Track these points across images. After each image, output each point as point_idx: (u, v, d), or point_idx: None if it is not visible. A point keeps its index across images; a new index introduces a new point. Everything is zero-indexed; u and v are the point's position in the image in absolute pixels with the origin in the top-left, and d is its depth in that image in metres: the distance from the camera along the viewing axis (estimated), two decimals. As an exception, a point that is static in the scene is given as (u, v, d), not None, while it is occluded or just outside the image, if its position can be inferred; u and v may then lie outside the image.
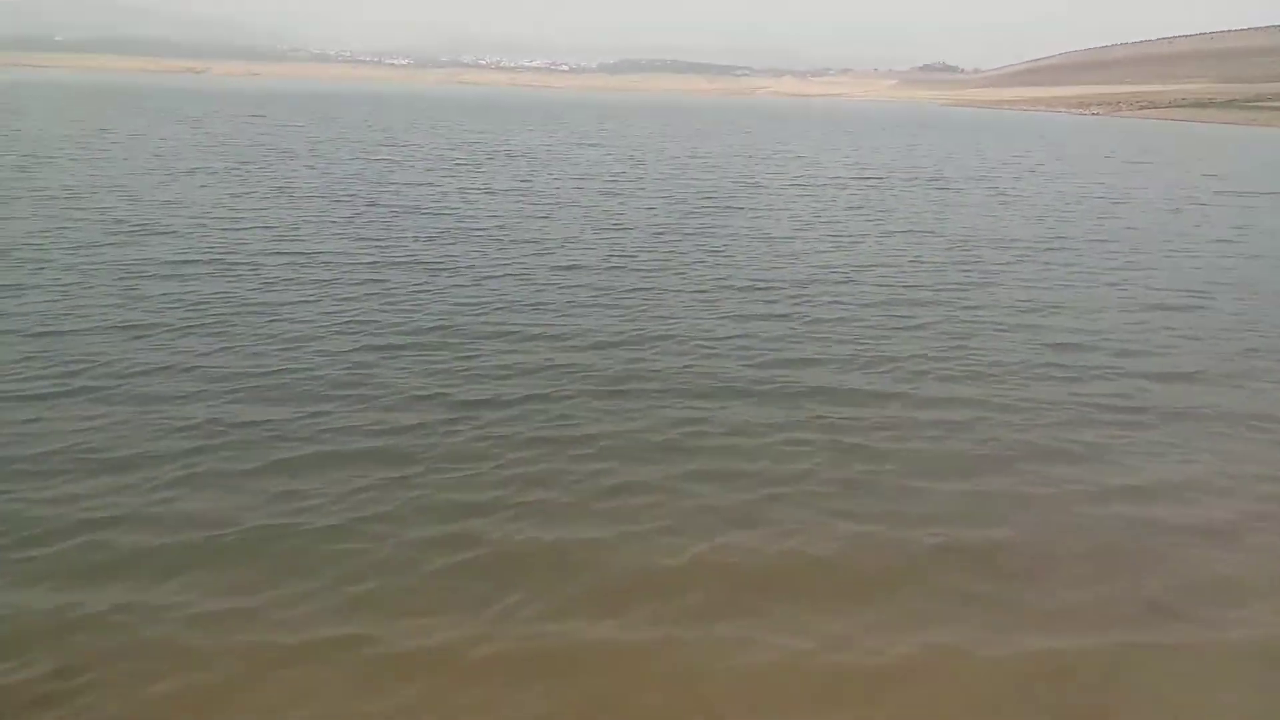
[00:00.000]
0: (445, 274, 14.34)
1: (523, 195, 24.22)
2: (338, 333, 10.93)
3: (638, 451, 7.91)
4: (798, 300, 13.47)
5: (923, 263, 16.81)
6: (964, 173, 37.10)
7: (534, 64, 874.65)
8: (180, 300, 12.05)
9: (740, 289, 14.09)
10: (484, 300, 12.77)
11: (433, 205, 21.53)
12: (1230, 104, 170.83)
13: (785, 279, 14.91)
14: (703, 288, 14.09)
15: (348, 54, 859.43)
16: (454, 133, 50.97)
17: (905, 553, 6.47)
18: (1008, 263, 17.10)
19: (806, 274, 15.37)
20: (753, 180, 30.72)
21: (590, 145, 45.44)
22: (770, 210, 23.11)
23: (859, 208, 24.51)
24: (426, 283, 13.67)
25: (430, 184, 25.77)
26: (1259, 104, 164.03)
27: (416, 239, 17.18)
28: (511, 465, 7.57)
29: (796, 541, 6.59)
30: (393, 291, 13.08)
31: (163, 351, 9.93)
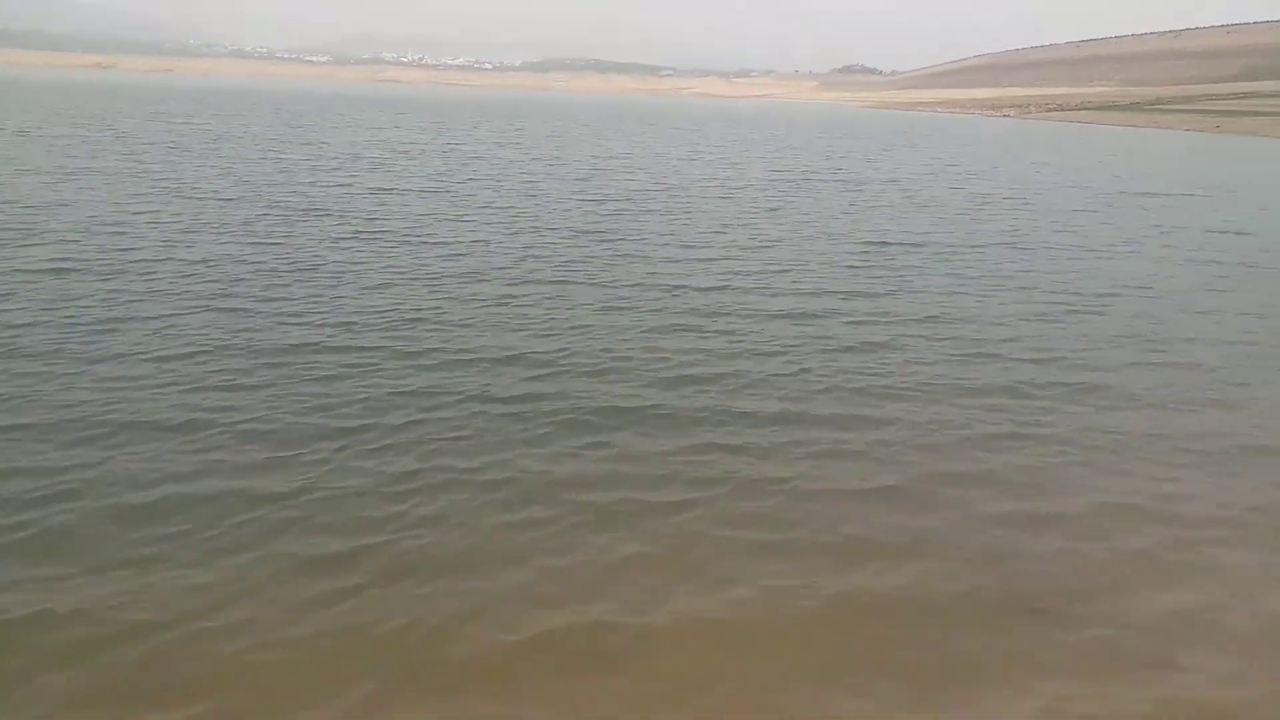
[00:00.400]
0: (347, 281, 13.73)
1: (437, 196, 23.59)
2: (221, 347, 10.26)
3: (536, 485, 7.40)
4: (712, 309, 13.19)
5: (837, 266, 16.75)
6: (881, 174, 37.53)
7: (457, 62, 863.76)
8: (50, 312, 11.24)
9: (654, 296, 13.77)
10: (386, 310, 12.22)
11: (340, 206, 20.78)
12: (1132, 107, 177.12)
13: (700, 285, 14.65)
14: (616, 294, 13.74)
15: (264, 51, 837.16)
16: (369, 131, 49.73)
17: (816, 594, 6.14)
18: (920, 265, 17.17)
19: (720, 280, 15.13)
20: (673, 182, 30.51)
21: (510, 145, 44.78)
22: (688, 213, 22.90)
23: (777, 209, 24.47)
24: (324, 291, 13.05)
25: (340, 184, 24.95)
26: (1158, 107, 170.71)
27: (321, 242, 16.50)
28: (391, 501, 6.93)
29: (697, 583, 6.14)
30: (289, 299, 12.45)
31: (26, 378, 9.19)
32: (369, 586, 5.82)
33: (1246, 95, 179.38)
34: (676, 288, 14.28)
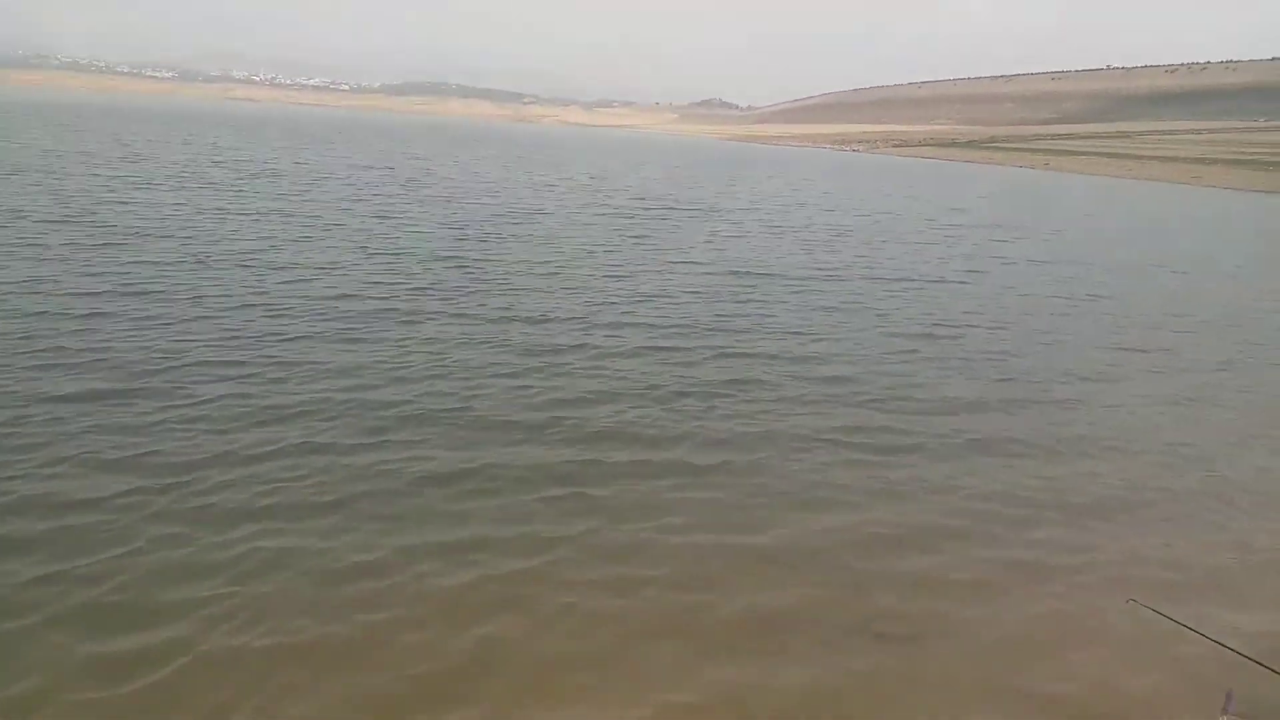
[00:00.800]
0: (180, 304, 12.68)
1: (286, 217, 22.39)
2: (32, 376, 9.21)
3: (389, 521, 6.89)
4: (574, 337, 12.83)
5: (700, 293, 16.73)
6: (738, 203, 38.24)
7: (312, 82, 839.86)
8: None
9: (518, 323, 13.31)
10: (221, 336, 11.30)
11: (177, 227, 19.38)
12: (970, 144, 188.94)
13: (563, 312, 14.28)
14: (475, 322, 13.21)
15: (102, 64, 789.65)
16: (213, 150, 47.27)
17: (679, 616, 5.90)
18: (780, 294, 17.36)
19: (583, 308, 14.79)
20: (536, 208, 30.11)
21: (365, 167, 43.36)
22: (550, 239, 22.54)
23: (643, 237, 24.43)
24: (156, 315, 11.99)
25: (179, 204, 23.36)
26: (993, 144, 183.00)
27: (156, 264, 15.26)
28: (232, 544, 6.31)
29: (564, 627, 5.81)
30: (111, 325, 11.36)
31: None
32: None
33: (1069, 136, 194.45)
34: (538, 314, 13.89)
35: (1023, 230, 34.89)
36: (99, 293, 13.00)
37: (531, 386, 10.29)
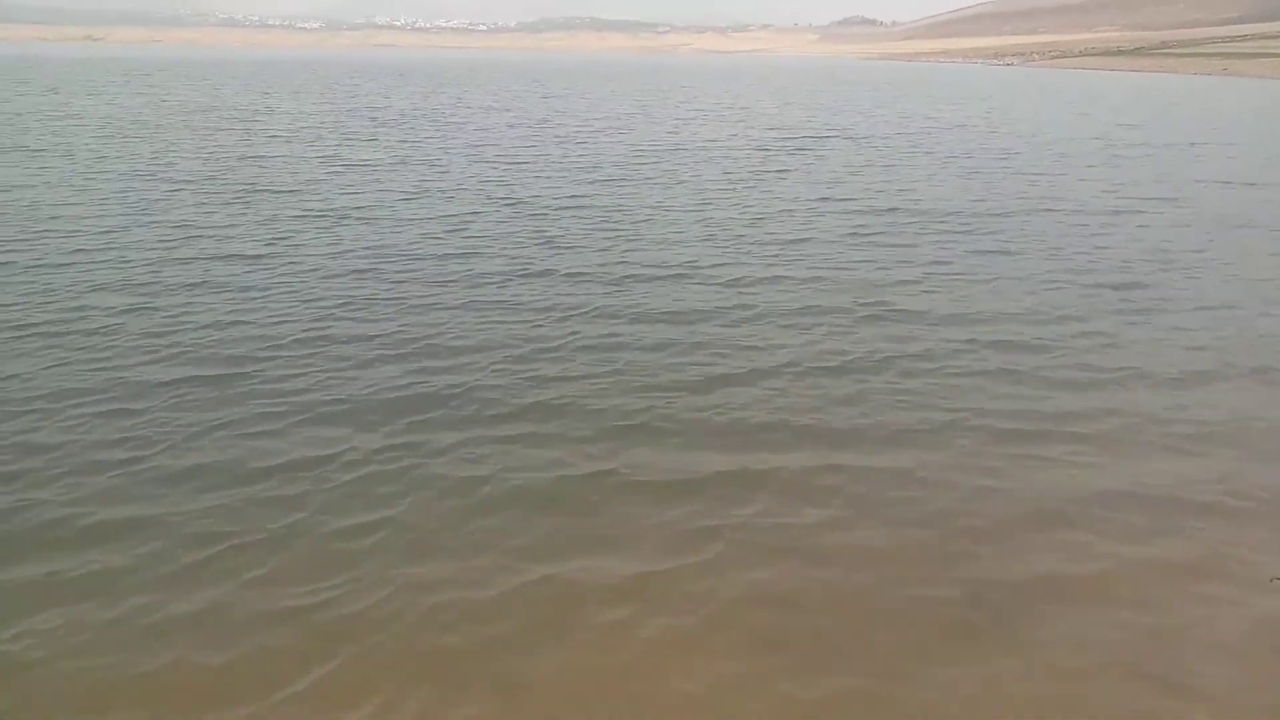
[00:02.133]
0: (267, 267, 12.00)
1: (413, 167, 21.71)
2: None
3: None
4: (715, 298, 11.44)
5: (855, 236, 14.94)
6: (891, 130, 35.48)
7: (451, 24, 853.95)
8: None
9: (636, 277, 12.01)
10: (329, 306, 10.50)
11: (288, 181, 18.94)
12: (1137, 51, 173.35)
13: (703, 265, 12.87)
14: (603, 277, 11.99)
15: (255, 19, 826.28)
16: (348, 97, 47.62)
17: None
18: (944, 232, 15.33)
19: (691, 255, 13.32)
20: (672, 144, 28.56)
21: (502, 110, 42.71)
22: (679, 181, 20.96)
23: (785, 171, 22.58)
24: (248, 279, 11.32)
25: (294, 156, 23.06)
26: (1164, 50, 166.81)
27: (247, 223, 14.72)
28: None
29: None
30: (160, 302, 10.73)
31: None
32: None
33: (1249, 37, 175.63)
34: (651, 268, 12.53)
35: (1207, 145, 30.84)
36: (176, 260, 12.49)
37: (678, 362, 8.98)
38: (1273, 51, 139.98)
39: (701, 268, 12.65)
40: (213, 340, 9.18)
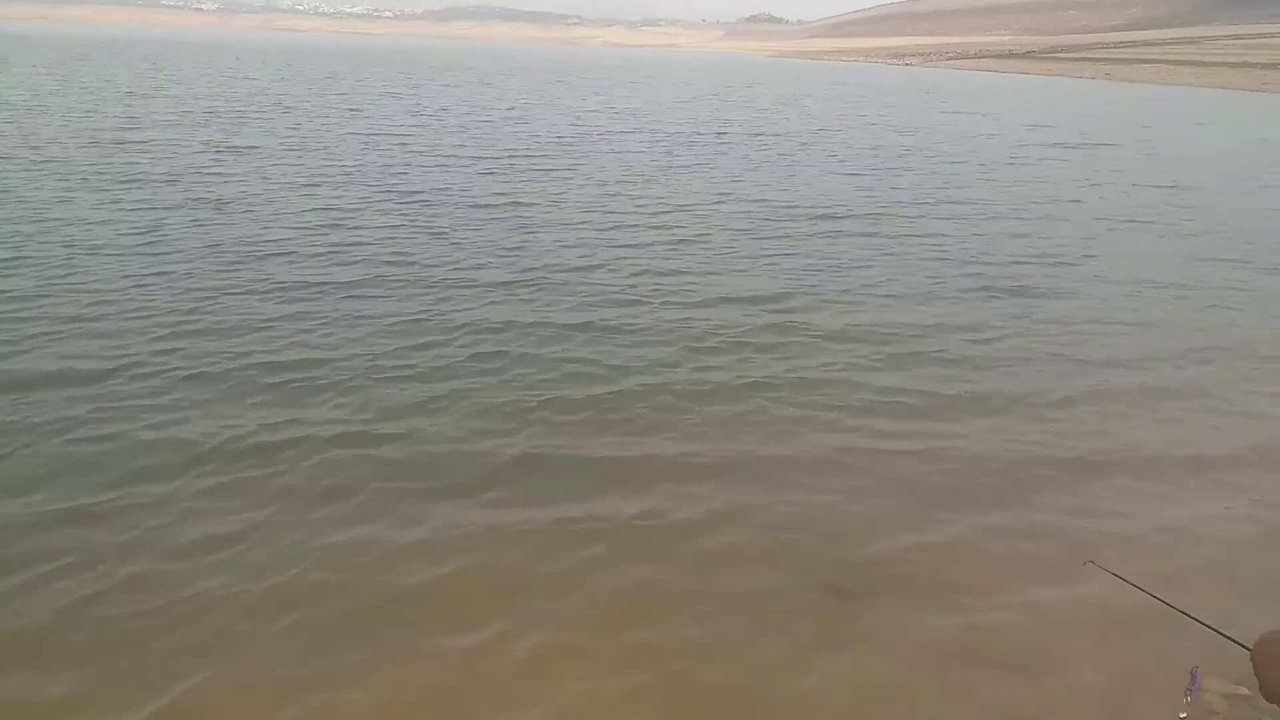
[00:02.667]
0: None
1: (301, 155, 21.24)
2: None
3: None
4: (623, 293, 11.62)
5: (747, 233, 15.29)
6: (788, 126, 36.24)
7: (355, 10, 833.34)
8: None
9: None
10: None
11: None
12: (1029, 55, 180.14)
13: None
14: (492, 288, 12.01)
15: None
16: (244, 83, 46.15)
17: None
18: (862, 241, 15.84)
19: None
20: (568, 136, 28.60)
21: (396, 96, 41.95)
22: (585, 171, 21.08)
23: (688, 167, 22.90)
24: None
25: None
26: (1054, 55, 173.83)
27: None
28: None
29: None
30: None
31: None
32: None
33: (1132, 44, 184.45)
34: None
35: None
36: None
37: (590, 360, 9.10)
38: (1150, 58, 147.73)
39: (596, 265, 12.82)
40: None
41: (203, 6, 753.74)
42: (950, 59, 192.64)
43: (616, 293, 11.41)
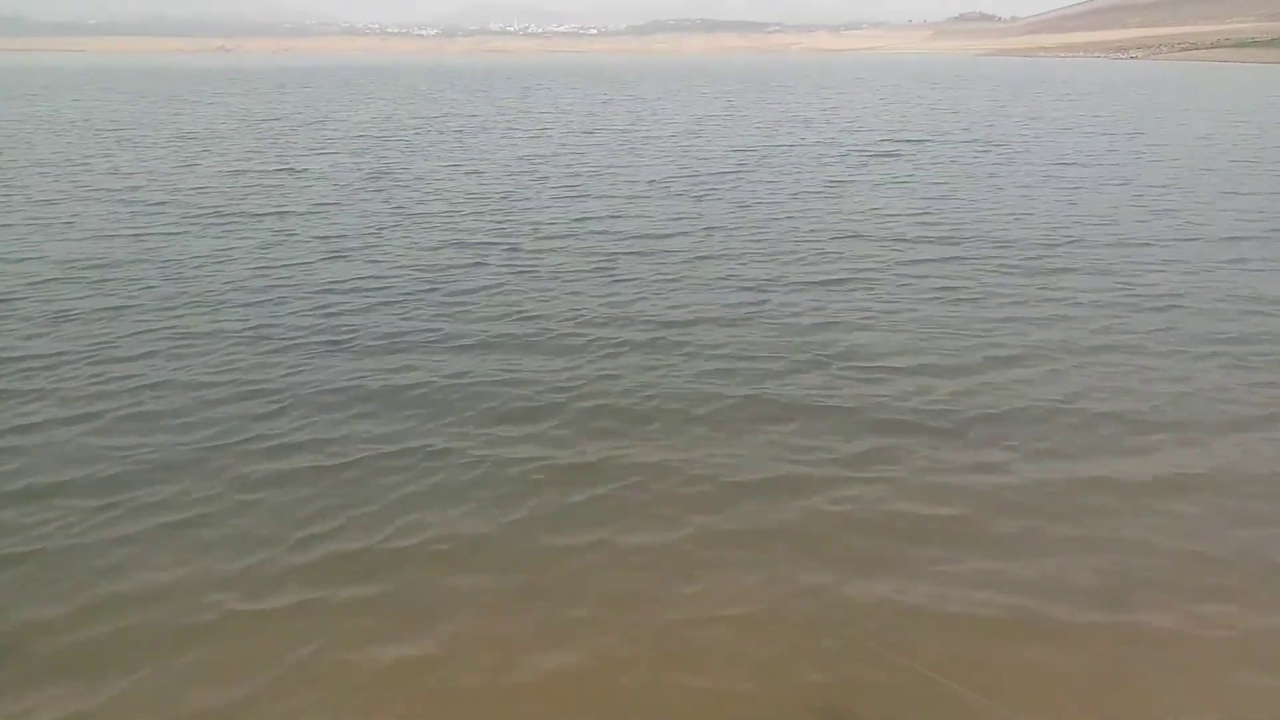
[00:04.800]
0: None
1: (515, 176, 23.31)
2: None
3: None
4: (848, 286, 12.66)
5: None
6: (1002, 132, 35.61)
7: (562, 29, 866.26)
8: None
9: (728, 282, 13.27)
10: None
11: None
12: (1273, 43, 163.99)
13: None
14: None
15: (375, 27, 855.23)
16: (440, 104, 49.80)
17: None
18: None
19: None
20: (776, 144, 29.57)
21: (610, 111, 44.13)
22: (777, 180, 22.01)
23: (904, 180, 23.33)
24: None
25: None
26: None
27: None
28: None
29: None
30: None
31: None
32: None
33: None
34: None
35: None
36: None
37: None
38: None
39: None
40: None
41: (423, 33, 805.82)
42: (1182, 50, 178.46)
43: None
